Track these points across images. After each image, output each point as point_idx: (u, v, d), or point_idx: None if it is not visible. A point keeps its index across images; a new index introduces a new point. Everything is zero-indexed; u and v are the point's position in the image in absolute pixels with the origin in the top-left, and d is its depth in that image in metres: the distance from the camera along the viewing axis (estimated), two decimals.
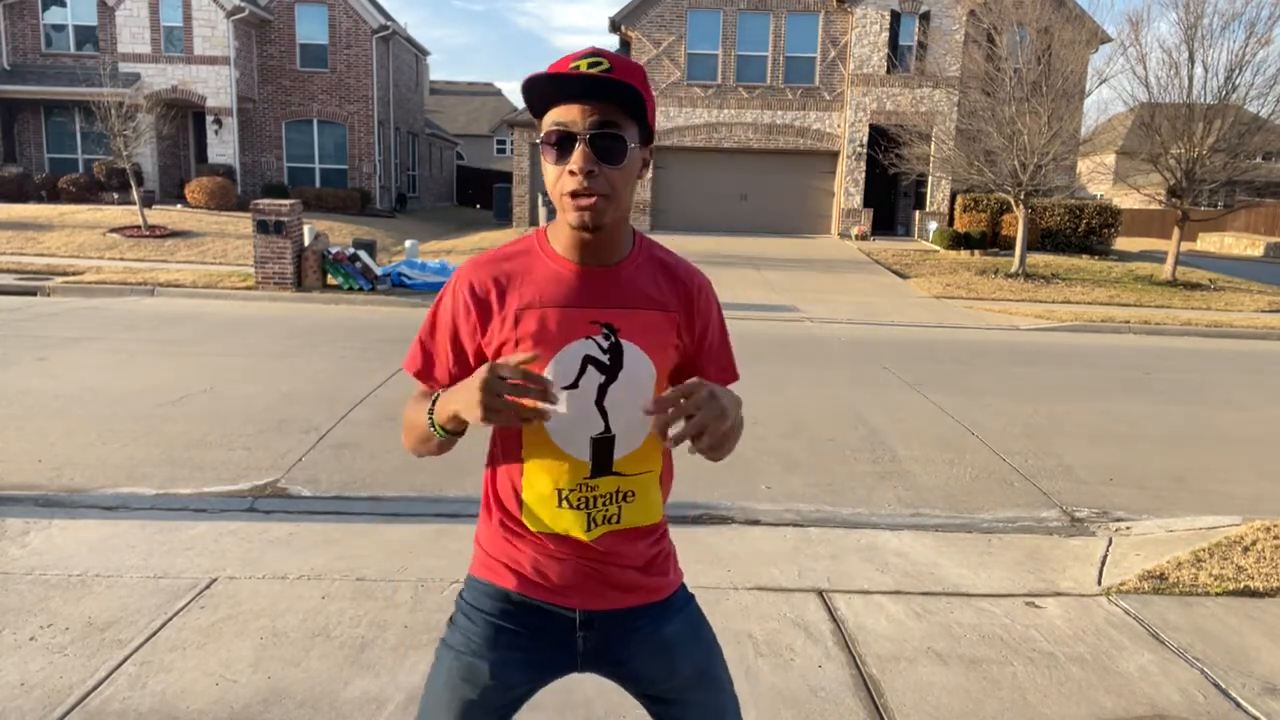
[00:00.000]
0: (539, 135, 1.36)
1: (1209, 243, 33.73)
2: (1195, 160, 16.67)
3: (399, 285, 13.35)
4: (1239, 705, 2.90)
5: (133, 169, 17.87)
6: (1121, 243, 24.00)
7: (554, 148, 1.33)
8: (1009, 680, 3.03)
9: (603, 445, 1.42)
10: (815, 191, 25.07)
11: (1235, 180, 19.08)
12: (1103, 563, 4.12)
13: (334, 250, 13.41)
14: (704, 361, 1.55)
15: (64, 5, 23.92)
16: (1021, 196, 17.35)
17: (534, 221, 23.88)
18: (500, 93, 52.84)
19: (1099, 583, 3.89)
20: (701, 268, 1.61)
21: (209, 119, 23.92)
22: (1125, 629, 3.42)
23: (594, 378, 1.39)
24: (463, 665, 1.48)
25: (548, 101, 1.34)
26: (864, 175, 23.97)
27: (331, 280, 13.26)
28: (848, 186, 24.05)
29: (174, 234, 17.81)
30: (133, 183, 17.88)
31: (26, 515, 4.23)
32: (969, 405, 7.38)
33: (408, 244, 15.29)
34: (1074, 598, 3.72)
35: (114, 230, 17.57)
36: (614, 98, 1.32)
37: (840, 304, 13.91)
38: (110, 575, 3.59)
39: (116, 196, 21.11)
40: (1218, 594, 3.71)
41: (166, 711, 2.67)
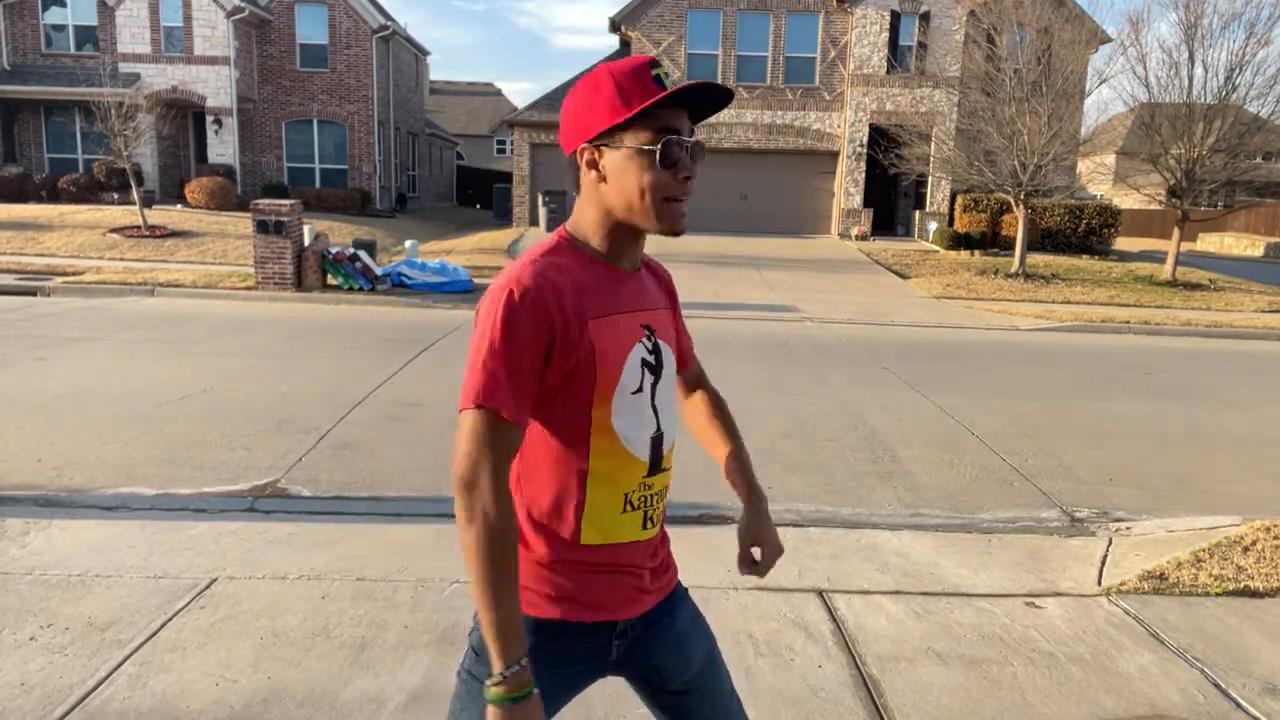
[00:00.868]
0: (630, 141, 1.33)
1: (1209, 243, 33.73)
2: (1195, 160, 16.66)
3: (399, 285, 13.35)
4: (1239, 705, 2.90)
5: (133, 169, 17.86)
6: (1121, 243, 24.00)
7: (665, 153, 1.33)
8: (1009, 680, 3.03)
9: (657, 443, 1.48)
10: (815, 192, 25.06)
11: (1235, 180, 19.07)
12: (1103, 563, 4.12)
13: (334, 250, 13.41)
14: (680, 350, 1.64)
15: (64, 5, 23.92)
16: (1021, 197, 17.35)
17: (534, 221, 23.87)
18: (500, 93, 52.85)
19: (1099, 583, 3.89)
20: (702, 268, 1.65)
21: (209, 119, 23.92)
22: (1125, 629, 3.42)
23: (648, 379, 1.45)
24: None
25: (657, 107, 1.32)
26: (864, 175, 23.97)
27: (331, 280, 13.26)
28: (848, 186, 24.06)
29: (174, 234, 17.81)
30: (133, 183, 17.87)
31: (26, 515, 4.23)
32: (969, 405, 7.38)
33: (408, 244, 15.28)
34: (1074, 598, 3.72)
35: (114, 230, 17.57)
36: (706, 111, 1.40)
37: (840, 304, 13.90)
38: (110, 575, 3.59)
39: (116, 196, 21.10)
40: (1218, 594, 3.70)
41: (166, 711, 2.67)
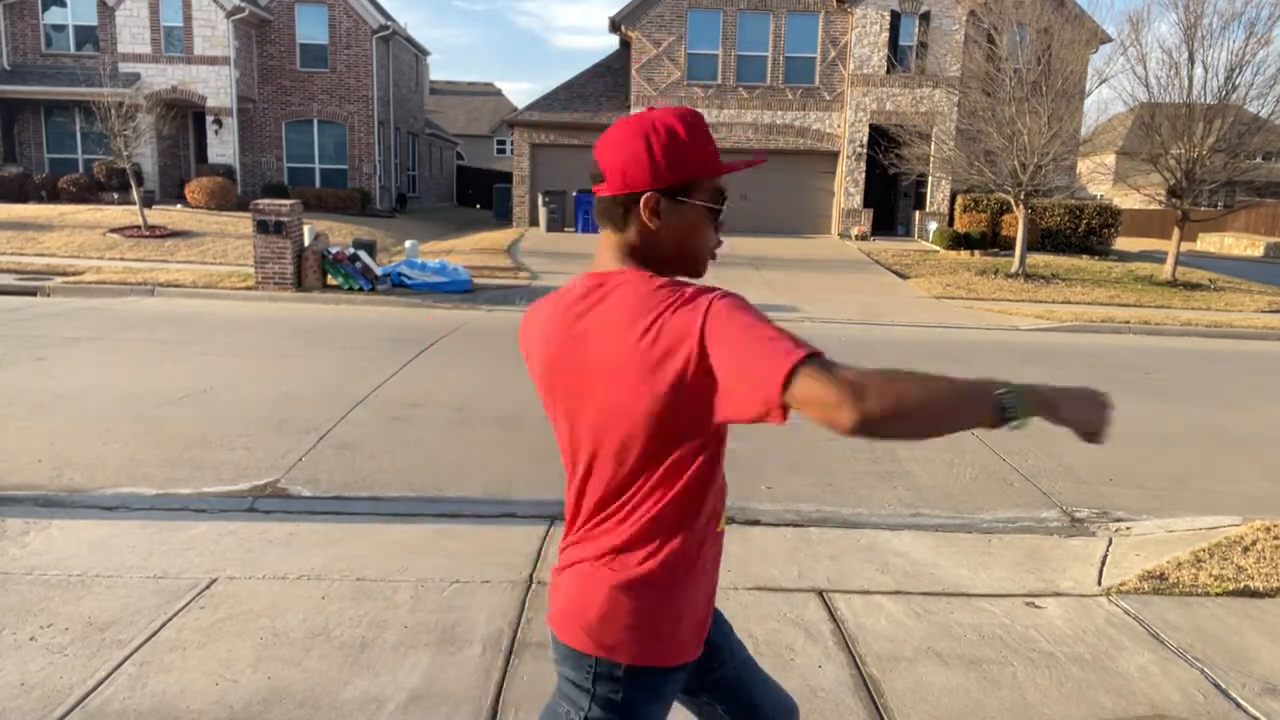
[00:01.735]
0: (699, 198, 1.42)
1: (1209, 243, 33.72)
2: (1195, 160, 16.66)
3: (399, 285, 13.34)
4: (1239, 705, 2.90)
5: (133, 169, 17.86)
6: (1121, 243, 23.99)
7: (715, 213, 1.45)
8: (1009, 680, 3.03)
9: None
10: (815, 191, 25.06)
11: (1235, 180, 19.08)
12: (1103, 563, 4.12)
13: (334, 250, 13.41)
14: None
15: (64, 5, 23.92)
16: (1021, 197, 17.34)
17: (534, 222, 23.87)
18: (500, 93, 52.84)
19: (1099, 583, 3.89)
20: None
21: (209, 119, 23.93)
22: (1125, 629, 3.42)
23: None
24: None
25: (720, 170, 1.43)
26: (864, 175, 23.97)
27: (331, 280, 13.26)
28: (848, 186, 24.06)
29: (174, 234, 17.81)
30: (133, 183, 17.87)
31: (26, 515, 4.23)
32: None
33: (408, 244, 15.28)
34: (1074, 598, 3.72)
35: (114, 230, 17.57)
36: None
37: (840, 304, 13.90)
38: (110, 575, 3.59)
39: (116, 196, 21.10)
40: (1218, 594, 3.70)
41: (166, 711, 2.67)
